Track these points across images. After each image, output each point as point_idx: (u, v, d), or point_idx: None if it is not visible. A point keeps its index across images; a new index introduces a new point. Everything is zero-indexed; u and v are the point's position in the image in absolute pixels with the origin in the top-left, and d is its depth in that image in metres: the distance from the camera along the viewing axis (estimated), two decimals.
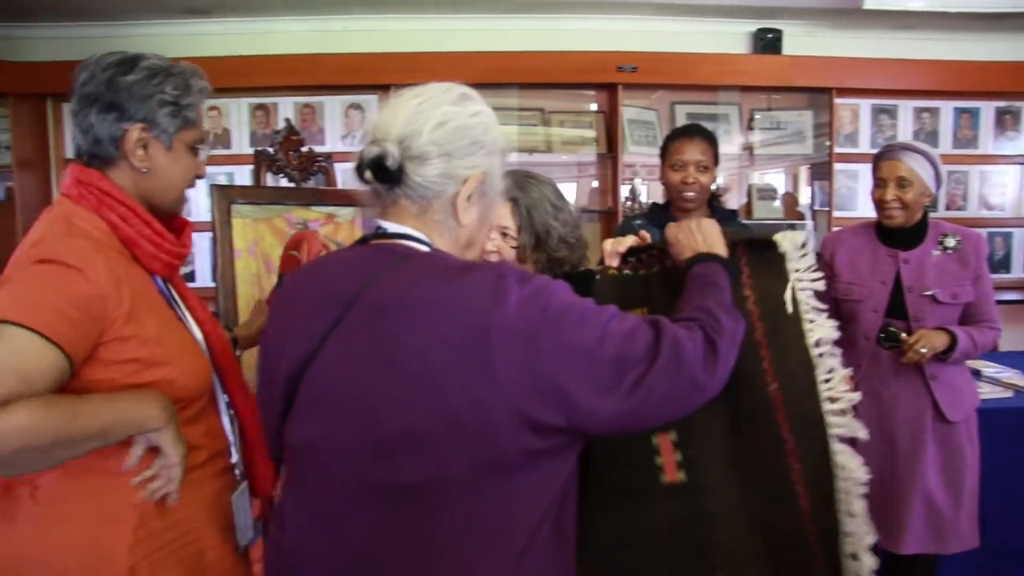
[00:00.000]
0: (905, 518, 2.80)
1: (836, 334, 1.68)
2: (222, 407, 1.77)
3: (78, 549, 1.48)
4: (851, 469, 1.66)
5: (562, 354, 1.22)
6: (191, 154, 1.70)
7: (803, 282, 1.71)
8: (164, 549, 1.54)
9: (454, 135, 1.35)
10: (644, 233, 1.94)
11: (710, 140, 2.91)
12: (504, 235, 2.15)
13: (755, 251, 1.74)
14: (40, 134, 5.70)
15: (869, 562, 1.61)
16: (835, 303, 2.90)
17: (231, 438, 1.77)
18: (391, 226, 1.39)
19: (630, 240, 1.86)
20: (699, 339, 1.32)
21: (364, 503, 1.28)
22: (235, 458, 1.77)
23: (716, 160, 2.91)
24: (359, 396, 1.28)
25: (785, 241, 1.72)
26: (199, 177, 1.77)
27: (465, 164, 1.36)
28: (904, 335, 2.80)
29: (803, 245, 1.73)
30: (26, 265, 1.45)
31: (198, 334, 1.73)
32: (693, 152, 2.85)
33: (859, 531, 1.64)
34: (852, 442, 2.78)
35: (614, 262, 1.83)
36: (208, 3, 5.32)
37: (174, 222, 1.77)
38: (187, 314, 1.74)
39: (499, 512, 1.26)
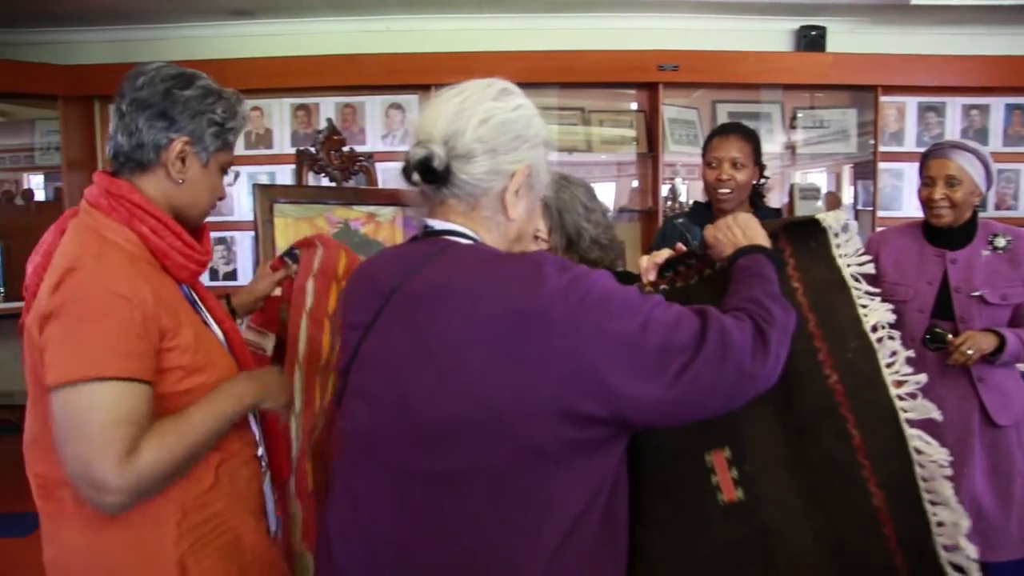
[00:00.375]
0: None
1: (892, 316, 1.62)
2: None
3: (127, 548, 1.53)
4: (931, 453, 1.57)
5: (602, 341, 1.20)
6: (220, 175, 1.77)
7: (852, 267, 1.65)
8: (205, 538, 1.60)
9: (498, 131, 1.35)
10: (680, 245, 1.92)
11: (748, 137, 2.88)
12: (535, 237, 2.12)
13: (799, 240, 1.69)
14: (88, 136, 5.80)
15: (971, 550, 1.52)
16: None
17: (255, 429, 1.82)
18: (438, 224, 1.40)
19: (665, 253, 1.85)
20: (748, 328, 1.29)
21: (404, 490, 1.30)
22: (260, 449, 1.82)
23: (757, 158, 2.87)
24: (396, 385, 1.30)
25: (828, 218, 1.67)
26: (220, 199, 1.82)
27: (511, 159, 1.36)
28: (950, 336, 2.75)
29: (846, 227, 1.68)
30: (73, 297, 1.47)
31: (219, 334, 1.78)
32: (728, 149, 2.83)
33: (952, 518, 1.55)
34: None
35: (651, 276, 1.81)
36: (251, 5, 5.38)
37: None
38: (208, 316, 1.78)
39: (534, 505, 1.25)
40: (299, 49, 5.53)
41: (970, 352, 2.69)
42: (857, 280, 1.66)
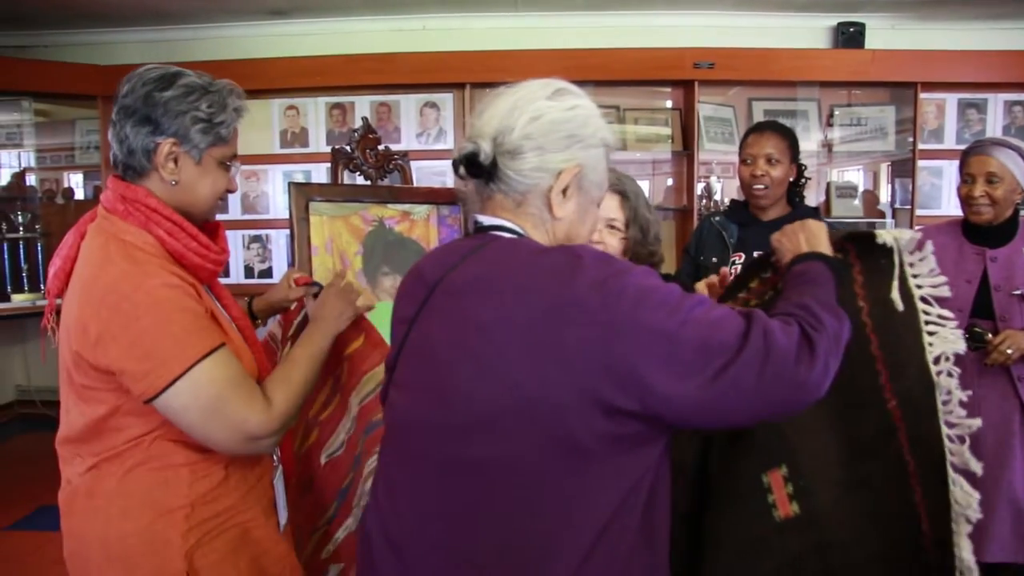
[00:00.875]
0: (990, 524, 2.71)
1: (962, 347, 1.54)
2: None
3: (137, 538, 1.57)
4: (965, 506, 1.53)
5: (639, 335, 1.18)
6: (221, 169, 1.72)
7: (923, 288, 1.56)
8: (213, 532, 1.62)
9: (548, 129, 1.34)
10: (724, 270, 1.90)
11: (784, 135, 2.87)
12: (611, 227, 2.17)
13: (868, 255, 1.61)
14: None
15: None
16: None
17: None
18: (486, 219, 1.40)
19: (714, 278, 1.87)
20: (795, 333, 1.24)
21: (445, 480, 1.30)
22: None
23: (794, 155, 2.86)
24: (436, 375, 1.31)
25: (889, 236, 1.58)
26: (230, 191, 1.79)
27: (560, 158, 1.35)
28: (989, 336, 2.71)
29: (921, 246, 1.58)
30: (128, 309, 1.51)
31: (235, 329, 1.80)
32: (763, 146, 2.82)
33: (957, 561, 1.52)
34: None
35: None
36: (287, 4, 5.43)
37: (207, 225, 1.79)
38: (224, 312, 1.80)
39: (568, 500, 1.23)
40: (334, 48, 5.57)
41: (1009, 351, 2.65)
42: (928, 303, 1.57)
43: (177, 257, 1.65)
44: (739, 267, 2.78)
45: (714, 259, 2.83)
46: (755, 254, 2.77)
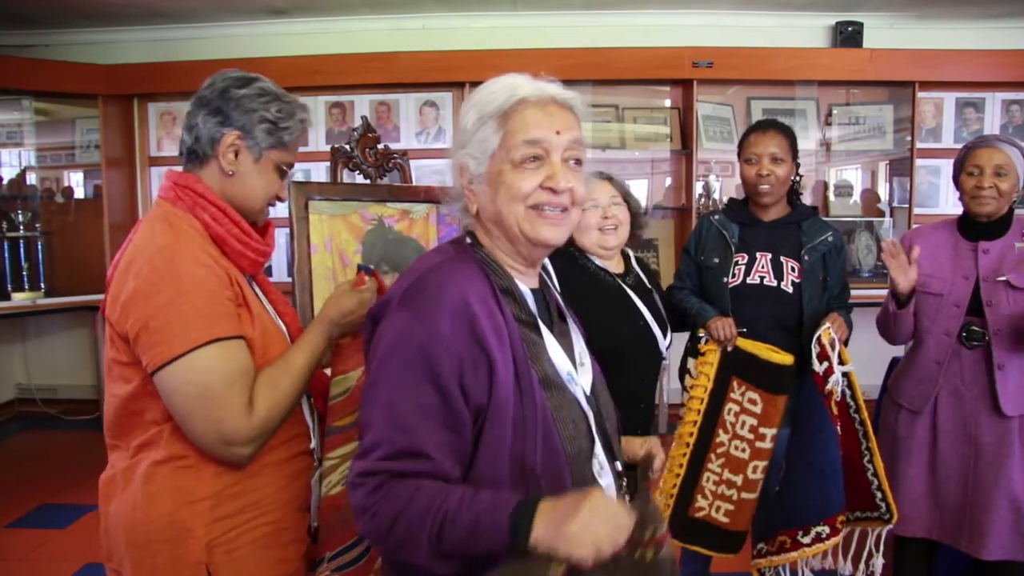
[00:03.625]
0: (990, 523, 2.71)
1: None
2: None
3: (160, 524, 1.60)
4: None
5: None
6: (277, 173, 1.80)
7: None
8: (240, 528, 1.64)
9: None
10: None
11: (785, 133, 2.86)
12: (616, 203, 2.51)
13: None
14: (127, 134, 5.89)
15: None
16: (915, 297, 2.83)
17: (309, 422, 1.84)
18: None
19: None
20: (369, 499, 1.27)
21: None
22: (313, 442, 1.83)
23: (794, 154, 2.85)
24: None
25: None
26: (280, 199, 1.86)
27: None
28: (987, 336, 2.71)
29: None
30: (158, 277, 1.57)
31: (281, 325, 1.83)
32: (767, 145, 2.80)
33: None
34: (933, 443, 2.73)
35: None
36: (288, 4, 5.44)
37: (255, 227, 1.85)
38: (270, 307, 1.83)
39: None
40: (334, 47, 5.58)
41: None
42: None
43: (219, 243, 1.71)
44: (742, 267, 2.78)
45: (715, 259, 2.82)
46: (759, 255, 2.79)
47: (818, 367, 2.60)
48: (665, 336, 2.55)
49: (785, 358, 2.59)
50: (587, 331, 1.60)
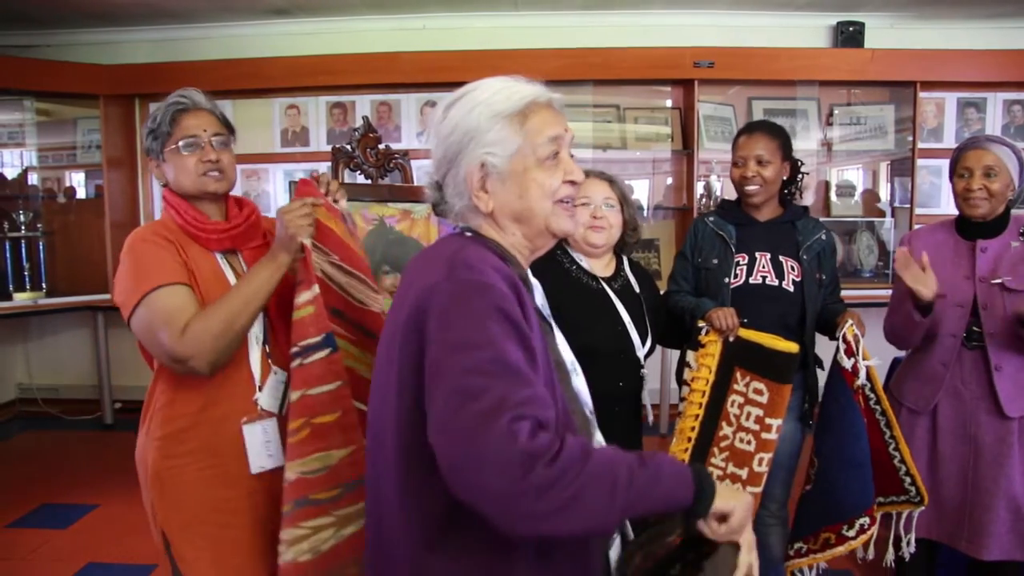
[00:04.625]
0: (989, 523, 2.71)
1: None
2: (253, 354, 2.12)
3: (140, 456, 2.12)
4: None
5: (432, 347, 1.24)
6: (185, 153, 2.11)
7: None
8: (180, 464, 2.05)
9: (442, 153, 1.46)
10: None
11: (775, 135, 2.86)
12: (609, 205, 2.52)
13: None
14: (128, 134, 5.90)
15: None
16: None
17: (256, 372, 2.12)
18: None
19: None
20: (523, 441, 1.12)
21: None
22: (257, 395, 2.11)
23: (785, 154, 2.85)
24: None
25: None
26: (212, 163, 2.12)
27: (463, 165, 1.43)
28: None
29: None
30: (124, 251, 2.05)
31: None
32: (753, 148, 2.82)
33: None
34: (933, 443, 2.73)
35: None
36: (289, 4, 5.45)
37: (229, 202, 2.23)
38: (232, 277, 2.13)
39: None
40: (335, 47, 5.59)
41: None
42: None
43: (186, 230, 2.10)
44: (743, 267, 2.79)
45: (715, 260, 2.82)
46: (758, 255, 2.79)
47: (846, 363, 2.63)
48: (644, 343, 2.54)
49: (791, 346, 2.58)
50: (560, 328, 1.60)
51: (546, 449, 1.11)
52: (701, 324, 2.70)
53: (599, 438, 1.48)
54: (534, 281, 1.50)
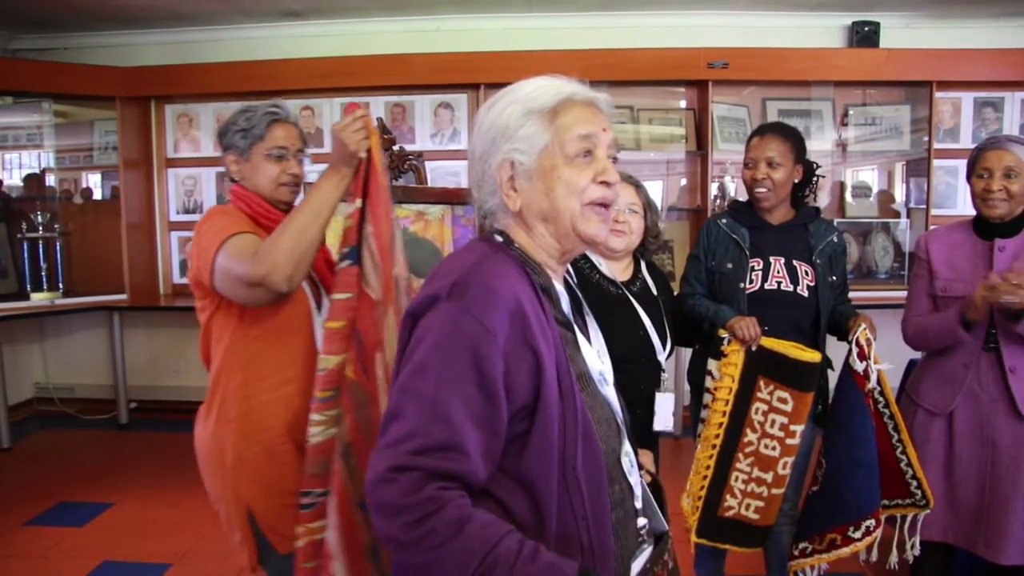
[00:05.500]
0: (1007, 526, 2.69)
1: None
2: (318, 332, 2.21)
3: (209, 444, 2.23)
4: None
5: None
6: (270, 161, 2.27)
7: None
8: (263, 440, 2.18)
9: (477, 158, 1.46)
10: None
11: (786, 137, 2.84)
12: (633, 211, 2.54)
13: None
14: (144, 135, 5.94)
15: None
16: (934, 301, 2.81)
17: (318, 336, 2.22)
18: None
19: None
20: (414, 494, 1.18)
21: None
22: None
23: (797, 156, 2.84)
24: None
25: None
26: (293, 176, 2.30)
27: (492, 163, 1.43)
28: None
29: None
30: (208, 220, 2.22)
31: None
32: (764, 150, 2.80)
33: None
34: (949, 446, 2.72)
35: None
36: (302, 6, 5.46)
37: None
38: None
39: None
40: (349, 49, 5.60)
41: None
42: None
43: (254, 220, 2.24)
44: (759, 272, 2.78)
45: (729, 264, 2.80)
46: (772, 259, 2.79)
47: (858, 366, 2.64)
48: (664, 347, 2.56)
49: (813, 355, 2.59)
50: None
51: (419, 505, 1.16)
52: (723, 334, 2.70)
53: (627, 448, 1.46)
54: (560, 288, 1.47)
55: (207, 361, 2.30)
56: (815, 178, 2.94)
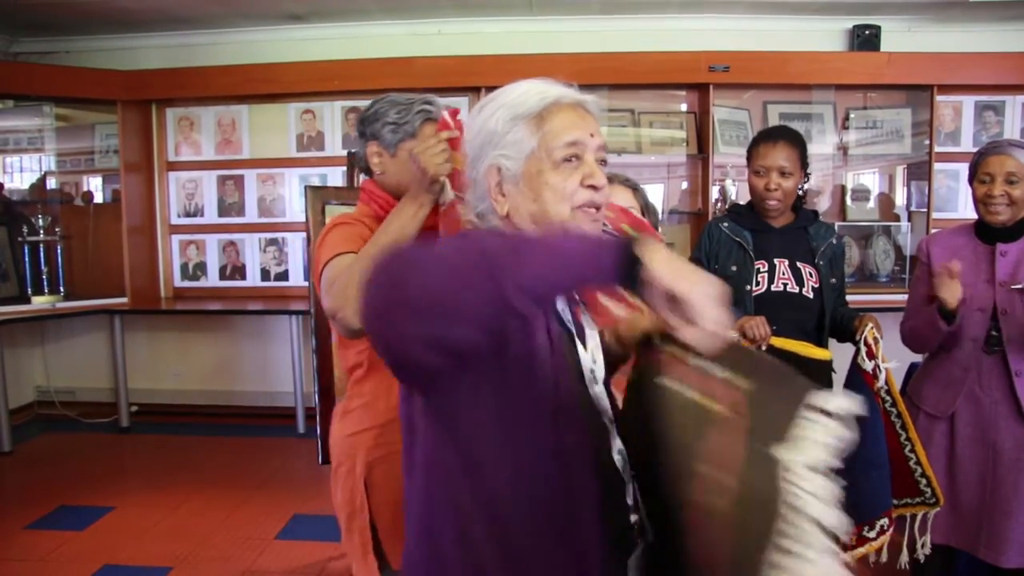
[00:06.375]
0: (1008, 529, 2.69)
1: None
2: None
3: (342, 446, 2.22)
4: None
5: None
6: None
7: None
8: (385, 453, 2.12)
9: (471, 168, 1.45)
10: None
11: (795, 143, 2.83)
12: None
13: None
14: (146, 139, 5.95)
15: None
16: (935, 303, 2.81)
17: None
18: None
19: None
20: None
21: None
22: None
23: (803, 163, 2.83)
24: None
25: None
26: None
27: (480, 171, 1.43)
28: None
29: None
30: (328, 231, 2.13)
31: None
32: (776, 158, 2.77)
33: None
34: (951, 449, 2.72)
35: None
36: (304, 10, 5.47)
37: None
38: None
39: None
40: (350, 52, 5.60)
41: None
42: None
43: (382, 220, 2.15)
44: (764, 274, 2.77)
45: (733, 267, 2.80)
46: (776, 261, 2.79)
47: (867, 365, 2.64)
48: None
49: (825, 353, 2.61)
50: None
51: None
52: (732, 334, 2.69)
53: (620, 446, 1.45)
54: None
55: (343, 362, 2.25)
56: (806, 184, 2.93)
